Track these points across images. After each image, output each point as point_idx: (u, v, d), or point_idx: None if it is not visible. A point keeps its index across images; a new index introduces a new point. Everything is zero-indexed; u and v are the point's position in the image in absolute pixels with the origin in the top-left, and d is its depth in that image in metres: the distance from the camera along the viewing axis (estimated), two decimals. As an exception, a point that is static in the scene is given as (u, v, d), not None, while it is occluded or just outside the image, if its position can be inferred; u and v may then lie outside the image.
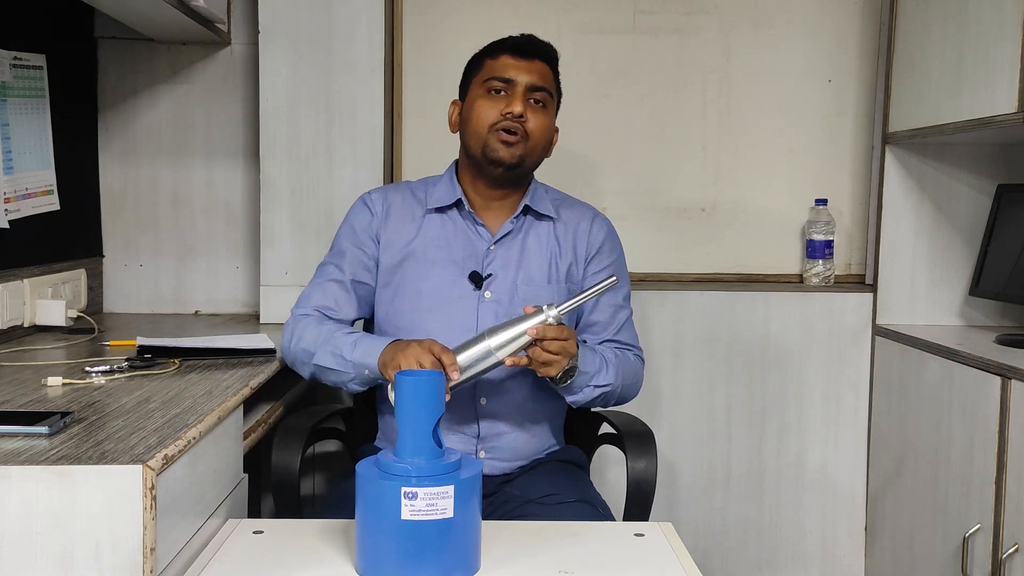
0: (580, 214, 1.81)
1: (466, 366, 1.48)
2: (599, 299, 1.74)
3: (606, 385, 1.67)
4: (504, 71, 1.69)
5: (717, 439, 2.54)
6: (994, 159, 2.43)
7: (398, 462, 1.16)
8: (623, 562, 1.26)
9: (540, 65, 1.71)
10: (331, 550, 1.26)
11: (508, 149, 1.67)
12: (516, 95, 1.67)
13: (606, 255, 1.79)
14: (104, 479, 1.08)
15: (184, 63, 2.47)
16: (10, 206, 2.03)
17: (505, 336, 1.48)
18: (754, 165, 2.61)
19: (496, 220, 1.76)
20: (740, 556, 2.56)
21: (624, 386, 1.73)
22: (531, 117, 1.68)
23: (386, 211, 1.76)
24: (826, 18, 2.58)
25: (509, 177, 1.72)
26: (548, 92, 1.71)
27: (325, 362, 1.62)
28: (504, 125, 1.67)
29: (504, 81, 1.68)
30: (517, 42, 1.72)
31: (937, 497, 2.14)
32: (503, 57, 1.70)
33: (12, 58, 2.03)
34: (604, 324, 1.77)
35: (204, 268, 2.51)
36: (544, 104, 1.71)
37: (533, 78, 1.69)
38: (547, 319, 1.48)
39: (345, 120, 2.30)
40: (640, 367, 1.80)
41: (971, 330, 2.38)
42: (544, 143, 1.74)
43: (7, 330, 1.96)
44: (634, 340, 1.81)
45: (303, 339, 1.66)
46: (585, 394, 1.66)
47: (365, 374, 1.58)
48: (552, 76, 1.74)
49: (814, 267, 2.55)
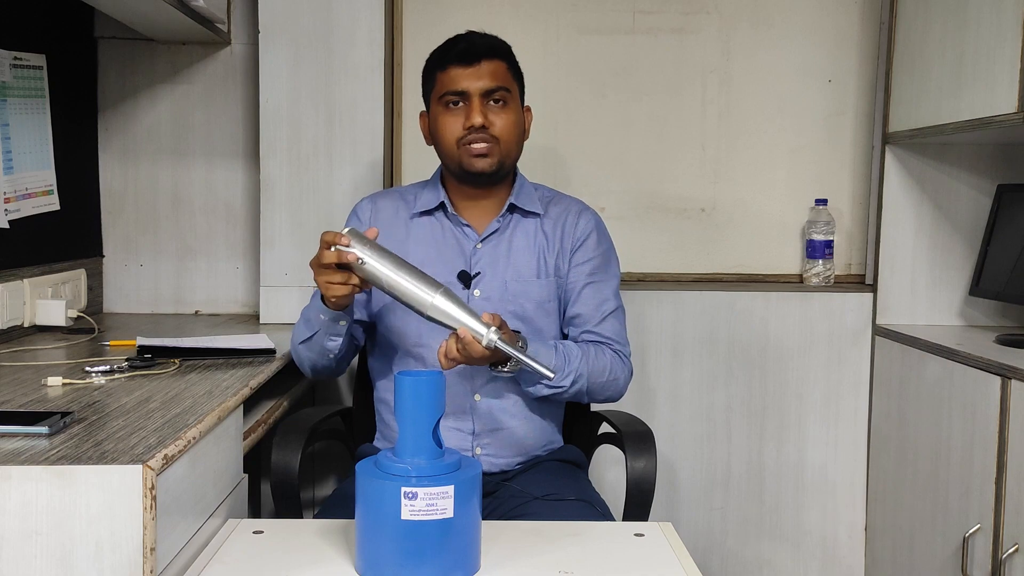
0: (567, 208, 1.82)
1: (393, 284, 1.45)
2: (583, 290, 1.75)
3: (559, 386, 1.64)
4: (456, 83, 1.69)
5: (717, 439, 2.54)
6: (994, 159, 2.43)
7: (398, 462, 1.16)
8: (623, 562, 1.26)
9: (489, 65, 1.70)
10: (331, 550, 1.26)
11: (483, 160, 1.69)
12: (473, 106, 1.68)
13: (591, 248, 1.78)
14: (104, 479, 1.08)
15: (184, 63, 2.47)
16: (10, 206, 2.03)
17: (447, 308, 1.45)
18: (754, 165, 2.61)
19: (482, 219, 1.77)
20: (740, 556, 2.56)
21: (595, 383, 1.69)
22: (495, 119, 1.69)
23: (373, 217, 1.80)
24: (826, 18, 2.58)
25: (493, 180, 1.75)
26: (504, 88, 1.70)
27: (300, 335, 1.69)
28: (470, 139, 1.68)
29: (457, 94, 1.69)
30: (460, 50, 1.70)
31: (937, 497, 2.14)
32: (451, 69, 1.69)
33: (12, 58, 2.03)
34: (586, 317, 1.75)
35: (204, 268, 2.51)
36: (504, 101, 1.71)
37: (484, 82, 1.68)
38: (483, 338, 1.44)
39: (345, 120, 2.30)
40: (619, 364, 1.73)
41: (971, 330, 2.38)
42: (516, 137, 1.74)
43: (7, 330, 1.96)
44: (617, 335, 1.76)
45: (292, 337, 1.76)
46: (539, 389, 1.65)
47: (321, 318, 1.63)
48: (505, 69, 1.72)
49: (814, 267, 2.55)
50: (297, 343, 1.72)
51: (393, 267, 1.46)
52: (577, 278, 1.76)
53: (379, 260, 1.47)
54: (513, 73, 1.75)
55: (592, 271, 1.77)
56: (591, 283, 1.76)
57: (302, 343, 1.70)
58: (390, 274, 1.46)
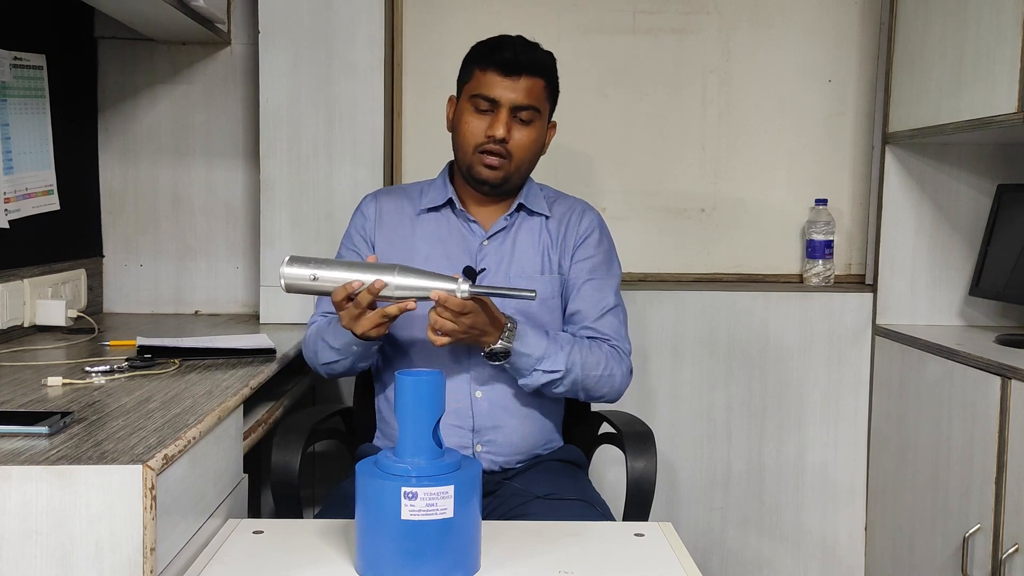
0: (571, 207, 1.83)
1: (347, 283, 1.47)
2: (582, 287, 1.76)
3: (555, 372, 1.64)
4: (490, 89, 1.68)
5: (717, 439, 2.54)
6: (994, 159, 2.43)
7: (398, 462, 1.16)
8: (623, 562, 1.26)
9: (527, 81, 1.69)
10: (331, 550, 1.26)
11: (492, 172, 1.70)
12: (500, 117, 1.68)
13: (591, 246, 1.79)
14: (104, 479, 1.08)
15: (184, 63, 2.47)
16: (10, 206, 2.03)
17: (410, 282, 1.47)
18: (754, 165, 2.61)
19: (489, 217, 1.78)
20: (740, 556, 2.56)
21: (589, 375, 1.68)
22: (515, 135, 1.69)
23: (379, 213, 1.80)
24: (826, 18, 2.58)
25: (495, 193, 1.76)
26: (535, 108, 1.70)
27: (327, 358, 1.70)
28: (487, 148, 1.69)
29: (489, 100, 1.69)
30: (505, 60, 1.68)
31: (937, 497, 2.14)
32: (490, 73, 1.68)
33: (12, 58, 2.03)
34: (585, 313, 1.76)
35: (204, 268, 2.51)
36: (530, 120, 1.71)
37: (518, 97, 1.68)
38: (456, 291, 1.48)
39: (345, 120, 2.30)
40: (616, 360, 1.72)
41: (971, 330, 2.38)
42: (529, 156, 1.74)
43: (7, 330, 1.96)
44: (615, 332, 1.75)
45: (307, 345, 1.77)
46: (534, 378, 1.64)
47: (353, 349, 1.63)
48: (542, 88, 1.72)
49: (814, 267, 2.55)
50: (320, 364, 1.73)
51: (344, 269, 1.48)
52: (578, 275, 1.77)
53: (330, 270, 1.48)
54: (549, 92, 1.75)
55: (593, 268, 1.78)
56: (591, 280, 1.77)
57: (326, 365, 1.71)
58: (346, 275, 1.47)
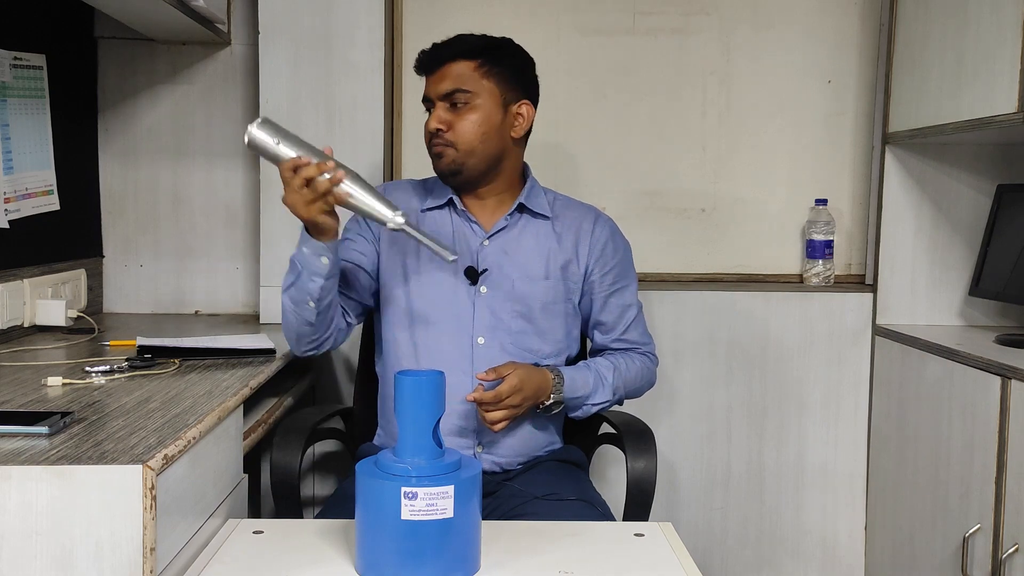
0: (582, 214, 1.83)
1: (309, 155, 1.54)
2: (607, 300, 1.79)
3: (604, 402, 1.76)
4: (426, 91, 1.75)
5: (717, 439, 2.54)
6: (994, 159, 2.43)
7: (398, 462, 1.16)
8: (623, 562, 1.26)
9: (448, 69, 1.71)
10: (331, 550, 1.26)
11: (441, 161, 1.73)
12: (433, 112, 1.72)
13: (610, 256, 1.80)
14: (104, 479, 1.08)
15: (184, 63, 2.47)
16: (10, 206, 2.03)
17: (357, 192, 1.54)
18: (754, 165, 2.60)
19: (490, 217, 1.78)
20: (740, 556, 2.56)
21: (632, 388, 1.82)
22: (454, 122, 1.70)
23: None
24: (826, 18, 2.58)
25: (462, 182, 1.75)
26: (463, 91, 1.69)
27: (285, 282, 1.65)
28: (433, 142, 1.73)
29: (426, 101, 1.75)
30: (424, 58, 1.75)
31: (937, 497, 2.14)
32: (424, 77, 1.76)
33: (12, 58, 2.03)
34: (611, 324, 1.81)
35: (204, 268, 2.51)
36: (466, 102, 1.69)
37: (442, 86, 1.70)
38: (390, 221, 1.52)
39: (345, 120, 2.30)
40: (650, 363, 1.86)
41: (971, 330, 2.38)
42: (478, 138, 1.70)
43: (7, 330, 1.96)
44: (643, 337, 1.85)
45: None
46: (584, 411, 1.76)
47: (304, 251, 1.61)
48: (472, 69, 1.70)
49: (814, 267, 2.55)
50: (283, 291, 1.67)
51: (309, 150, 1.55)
52: (600, 288, 1.80)
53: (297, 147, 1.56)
54: (488, 71, 1.71)
55: (615, 280, 1.81)
56: (615, 291, 1.81)
57: (286, 290, 1.65)
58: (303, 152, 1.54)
